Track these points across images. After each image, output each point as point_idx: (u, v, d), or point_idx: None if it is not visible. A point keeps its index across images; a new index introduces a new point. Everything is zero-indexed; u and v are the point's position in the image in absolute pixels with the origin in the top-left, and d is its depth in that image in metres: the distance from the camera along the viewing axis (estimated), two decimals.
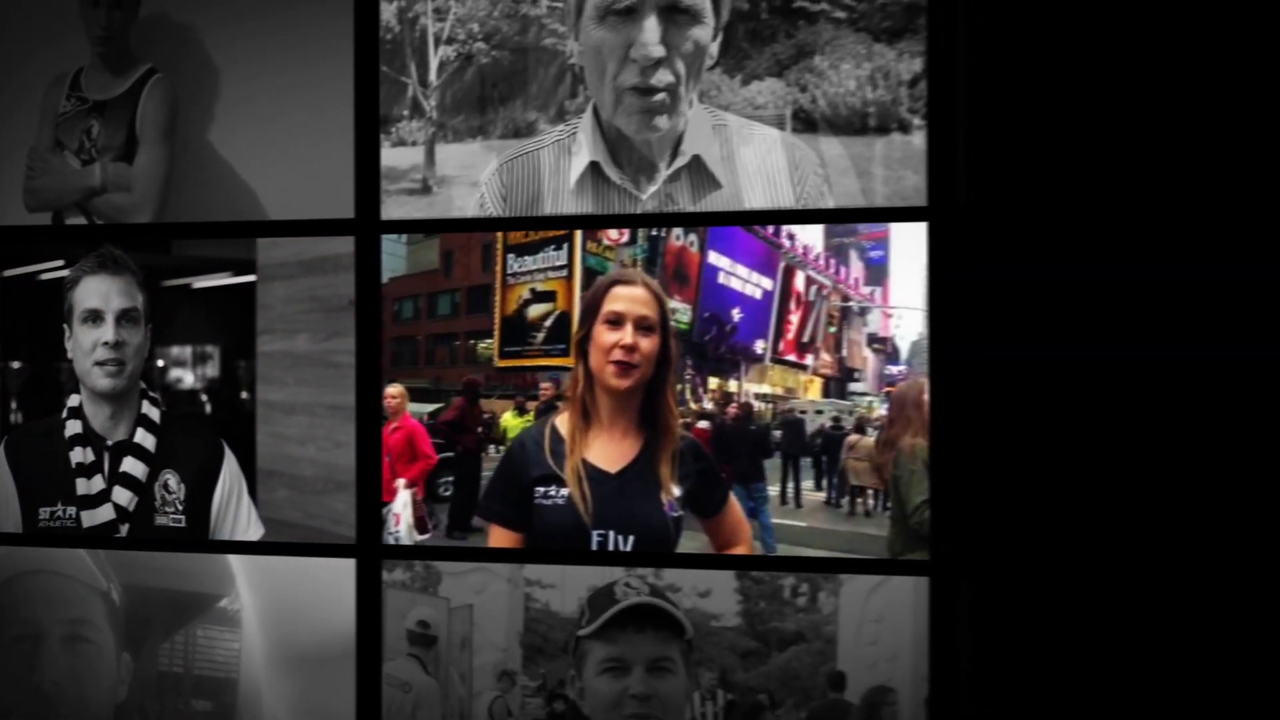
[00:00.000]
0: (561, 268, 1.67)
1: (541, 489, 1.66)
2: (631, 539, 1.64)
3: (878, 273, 1.58)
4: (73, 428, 1.83)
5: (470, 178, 1.70)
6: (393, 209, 1.72)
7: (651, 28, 1.58)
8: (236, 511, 1.80)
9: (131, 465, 1.82)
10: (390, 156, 1.73)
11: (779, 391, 1.62)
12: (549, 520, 1.66)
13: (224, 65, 1.79)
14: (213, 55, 1.80)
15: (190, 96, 1.81)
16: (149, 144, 1.83)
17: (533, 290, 1.69)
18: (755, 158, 1.61)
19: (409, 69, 1.72)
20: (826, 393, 1.61)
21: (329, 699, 1.77)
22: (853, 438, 1.58)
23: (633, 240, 1.65)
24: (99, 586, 1.84)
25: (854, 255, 1.59)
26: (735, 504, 1.63)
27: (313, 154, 1.75)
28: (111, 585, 1.84)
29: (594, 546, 1.64)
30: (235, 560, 1.80)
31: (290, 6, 1.76)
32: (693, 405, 1.63)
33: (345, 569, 1.76)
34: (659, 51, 1.58)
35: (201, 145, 1.80)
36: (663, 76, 1.60)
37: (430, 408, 1.74)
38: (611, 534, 1.65)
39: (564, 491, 1.64)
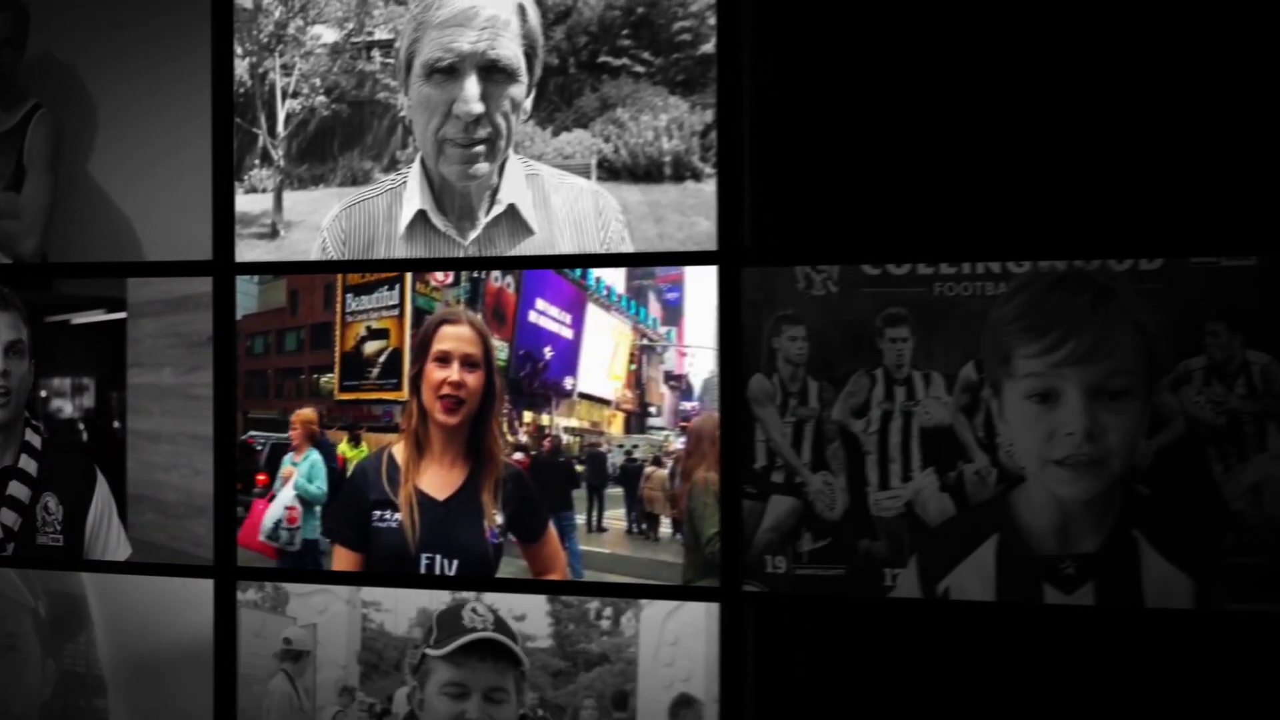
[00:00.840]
0: (394, 307, 1.83)
1: (378, 512, 1.81)
2: (456, 563, 1.79)
3: (673, 313, 1.71)
4: None
5: (313, 223, 1.86)
6: (245, 252, 1.89)
7: (472, 85, 1.73)
8: (107, 532, 1.98)
9: (16, 489, 2.01)
10: (243, 202, 1.90)
11: (585, 425, 1.76)
12: (384, 542, 1.82)
13: (102, 104, 1.96)
14: (92, 94, 1.97)
15: (72, 131, 1.98)
16: (35, 174, 2.01)
17: (369, 328, 1.84)
18: (564, 205, 1.75)
19: (260, 120, 1.89)
20: (628, 427, 1.74)
21: (190, 707, 1.94)
22: (649, 470, 1.71)
23: (456, 282, 1.80)
24: (28, 604, 2.03)
25: (652, 297, 1.72)
26: (554, 533, 1.77)
27: (176, 199, 1.93)
28: (39, 601, 2.03)
29: (421, 569, 1.79)
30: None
31: (156, 60, 1.93)
32: (509, 438, 1.78)
33: (204, 588, 1.93)
34: (478, 108, 1.73)
35: (83, 177, 1.98)
36: (482, 130, 1.74)
37: (280, 436, 1.90)
38: (438, 558, 1.80)
39: (397, 516, 1.80)
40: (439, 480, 1.80)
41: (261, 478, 1.88)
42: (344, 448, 1.87)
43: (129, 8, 1.92)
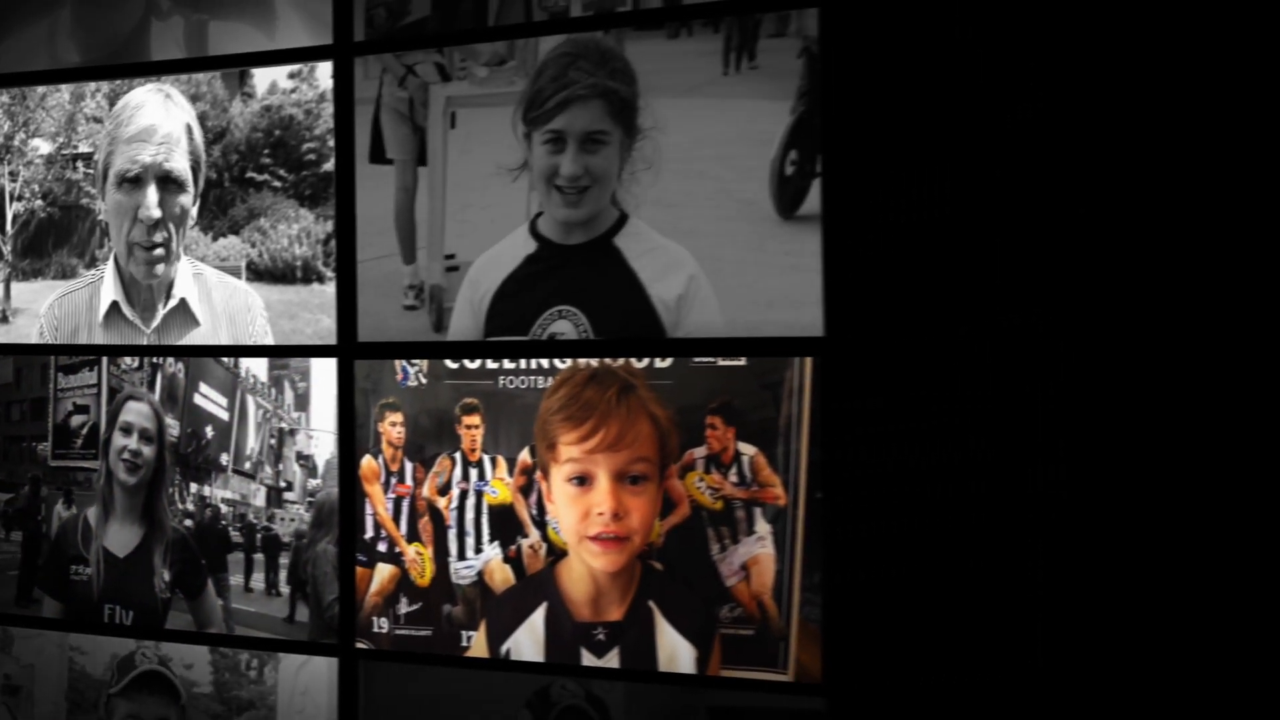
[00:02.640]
0: (94, 386, 2.17)
1: (75, 567, 2.15)
2: (131, 614, 2.11)
3: (303, 400, 2.01)
4: None
5: (34, 310, 2.22)
6: None
7: (152, 193, 2.07)
8: None
9: None
10: None
11: (238, 498, 2.07)
12: (79, 594, 2.15)
13: None
14: None
15: None
16: None
17: (74, 404, 2.19)
18: (222, 301, 2.07)
19: None
20: (269, 501, 2.05)
21: None
22: (288, 540, 2.01)
23: (141, 366, 2.13)
24: None
25: (287, 385, 2.03)
26: (212, 589, 2.08)
27: None
28: None
29: (105, 619, 2.12)
30: None
31: None
32: (180, 506, 2.10)
33: None
34: (157, 213, 2.07)
35: None
36: (160, 234, 2.08)
37: (5, 496, 2.25)
38: (118, 609, 2.12)
39: (88, 570, 2.14)
40: (121, 539, 2.13)
41: None
42: (59, 509, 2.21)
43: None
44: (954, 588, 1.60)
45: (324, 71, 2.00)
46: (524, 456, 1.86)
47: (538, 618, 1.85)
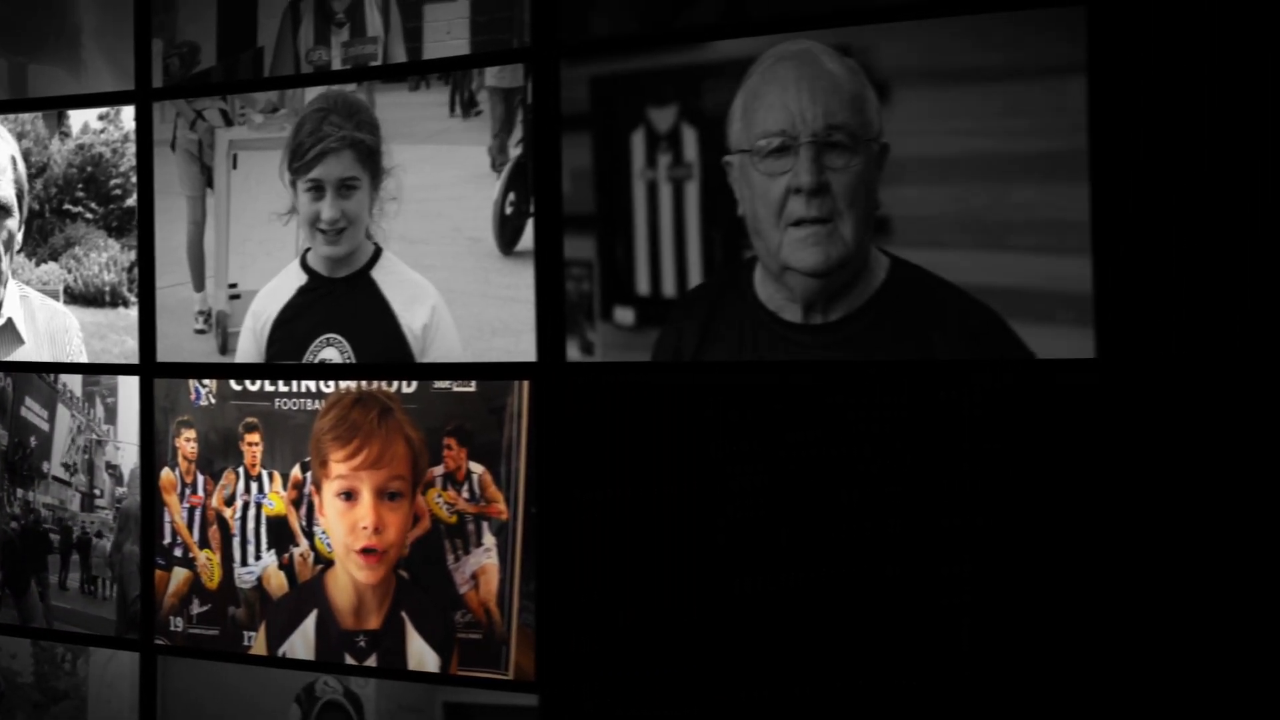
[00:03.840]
0: None
1: None
2: None
3: (112, 414, 2.23)
4: None
5: None
6: None
7: None
8: None
9: None
10: None
11: (56, 503, 2.29)
12: None
13: None
14: None
15: None
16: None
17: None
18: (44, 322, 2.29)
19: None
20: (83, 506, 2.26)
21: None
22: (97, 543, 2.23)
23: None
24: None
25: (98, 400, 2.24)
26: (35, 589, 2.30)
27: None
28: None
29: None
30: None
31: None
32: (8, 510, 2.32)
33: None
34: None
35: None
36: None
37: None
38: None
39: None
40: None
41: None
42: None
43: None
44: (866, 593, 1.67)
45: (128, 114, 2.20)
46: (295, 472, 2.06)
47: (309, 624, 2.05)
